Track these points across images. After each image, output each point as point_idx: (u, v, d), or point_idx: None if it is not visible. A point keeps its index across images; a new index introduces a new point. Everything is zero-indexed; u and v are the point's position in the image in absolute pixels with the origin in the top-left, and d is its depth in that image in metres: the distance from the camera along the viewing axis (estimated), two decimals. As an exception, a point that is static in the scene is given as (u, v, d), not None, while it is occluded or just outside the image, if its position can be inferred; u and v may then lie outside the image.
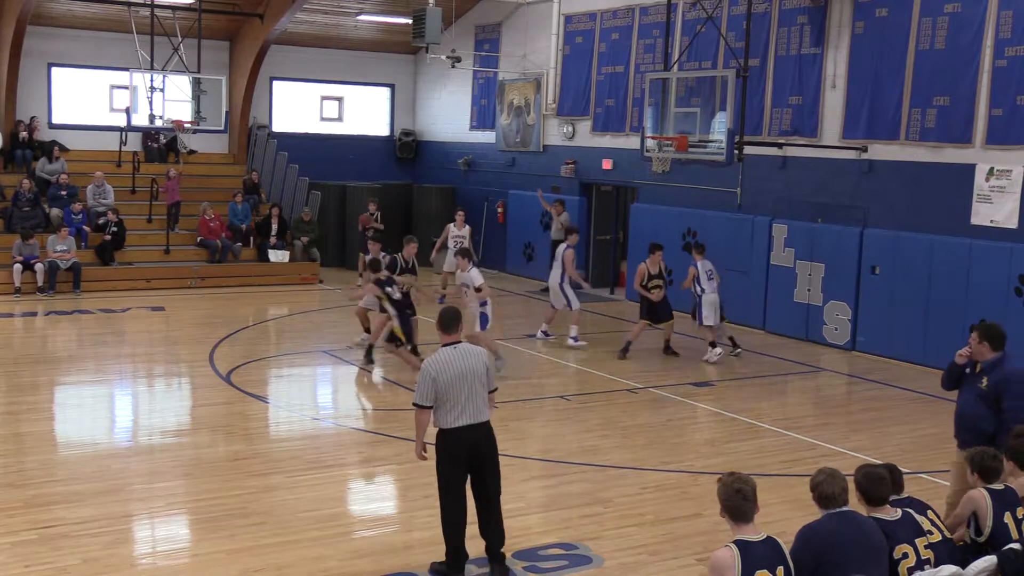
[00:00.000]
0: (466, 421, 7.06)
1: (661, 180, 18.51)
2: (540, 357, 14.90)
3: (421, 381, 7.06)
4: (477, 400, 7.10)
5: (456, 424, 7.05)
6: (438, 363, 7.05)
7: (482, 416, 7.15)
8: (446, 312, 7.31)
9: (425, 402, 7.04)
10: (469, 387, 7.05)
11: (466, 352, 7.15)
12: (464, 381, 7.04)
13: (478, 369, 7.12)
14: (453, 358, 7.07)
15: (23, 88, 21.65)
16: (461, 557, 7.21)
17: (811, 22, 16.37)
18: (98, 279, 19.14)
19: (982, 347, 7.50)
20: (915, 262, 14.84)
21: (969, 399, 7.65)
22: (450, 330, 7.21)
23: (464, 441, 7.09)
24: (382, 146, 26.37)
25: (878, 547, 5.57)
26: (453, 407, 7.02)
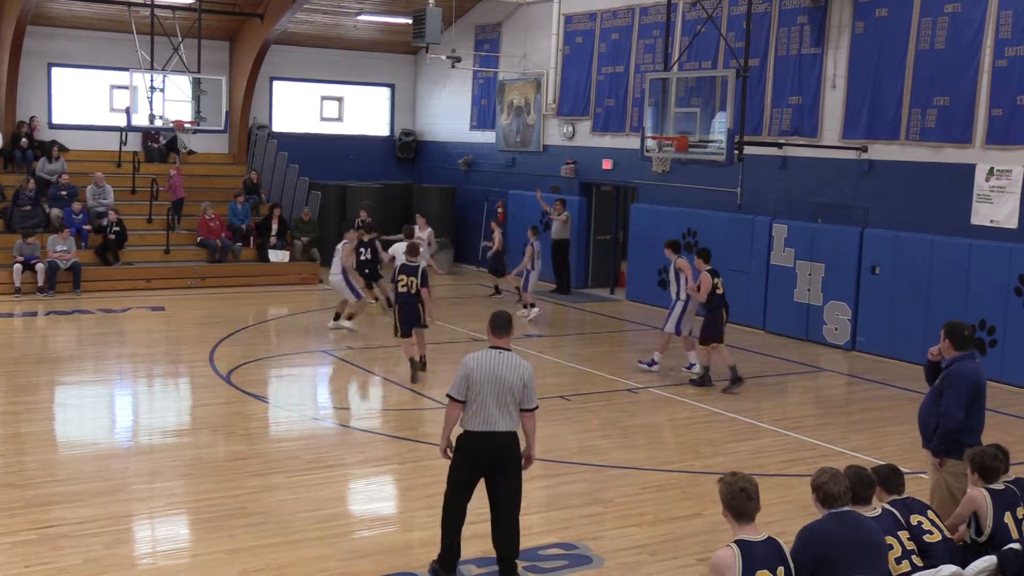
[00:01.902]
0: (482, 427, 6.94)
1: (661, 180, 18.51)
2: (541, 357, 14.89)
3: (458, 375, 7.00)
4: (502, 410, 6.93)
5: (472, 428, 6.98)
6: (476, 359, 7.00)
7: (501, 426, 6.95)
8: (499, 315, 7.25)
9: (459, 395, 6.96)
10: (497, 395, 6.90)
11: (507, 361, 6.99)
12: (493, 387, 6.90)
13: (513, 382, 6.93)
14: (490, 360, 6.97)
15: (23, 88, 21.65)
16: (452, 557, 7.21)
17: (811, 22, 16.37)
18: (98, 279, 19.15)
19: (946, 345, 7.51)
20: (915, 262, 14.84)
21: (926, 396, 7.69)
22: (500, 334, 7.12)
23: (477, 446, 7.00)
24: (382, 146, 26.37)
25: (878, 547, 5.58)
26: (477, 410, 6.93)
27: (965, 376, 7.37)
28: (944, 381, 7.45)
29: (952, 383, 7.38)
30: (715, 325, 13.00)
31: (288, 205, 22.87)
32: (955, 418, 7.31)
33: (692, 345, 13.72)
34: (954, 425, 7.31)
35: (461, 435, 7.10)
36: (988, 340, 13.99)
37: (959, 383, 7.36)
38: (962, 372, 7.38)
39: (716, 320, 13.01)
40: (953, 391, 7.35)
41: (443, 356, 14.84)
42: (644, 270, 19.46)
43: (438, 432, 10.88)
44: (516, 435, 7.06)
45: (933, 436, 7.49)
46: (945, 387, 7.42)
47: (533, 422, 7.13)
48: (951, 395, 7.35)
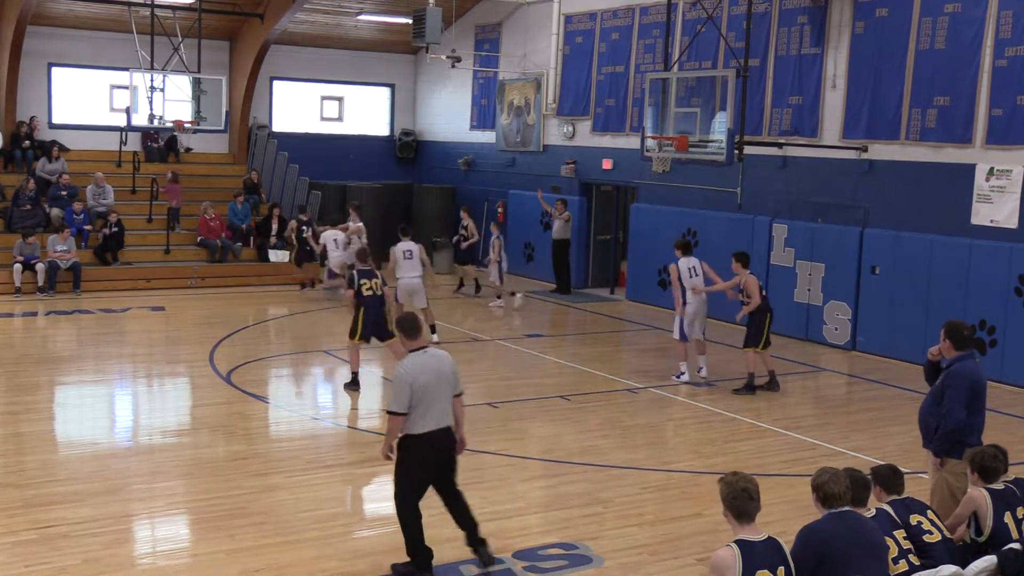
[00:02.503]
0: (435, 426, 7.09)
1: (661, 180, 18.52)
2: (541, 357, 14.90)
3: (397, 389, 7.02)
4: (444, 404, 7.16)
5: (426, 429, 7.07)
6: (413, 368, 7.04)
7: (446, 421, 7.19)
8: (408, 319, 7.34)
9: (403, 409, 7.02)
10: (440, 392, 7.10)
11: (437, 357, 7.21)
12: (437, 386, 7.08)
13: (450, 375, 7.19)
14: (425, 363, 7.09)
15: (23, 88, 21.65)
16: (428, 556, 7.24)
17: (811, 22, 16.37)
18: (98, 279, 19.14)
19: (946, 345, 7.52)
20: (915, 262, 14.84)
21: (926, 396, 7.69)
22: (416, 335, 7.22)
23: (434, 446, 7.14)
24: (382, 146, 26.37)
25: (878, 547, 5.58)
26: (424, 412, 7.03)
27: (966, 376, 7.38)
28: (945, 381, 7.45)
29: (953, 383, 7.38)
30: (760, 329, 12.83)
31: (288, 205, 22.86)
32: (957, 418, 7.31)
33: (694, 351, 13.53)
34: (956, 425, 7.32)
35: (414, 438, 7.11)
36: (988, 340, 13.98)
37: (960, 383, 7.36)
38: (963, 372, 7.38)
39: (761, 324, 12.83)
40: (954, 391, 7.35)
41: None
42: (644, 270, 19.46)
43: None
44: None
45: (934, 436, 7.49)
46: (946, 387, 7.42)
47: (462, 406, 7.42)
48: (952, 395, 7.35)
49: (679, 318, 13.41)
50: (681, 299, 13.37)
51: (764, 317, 12.89)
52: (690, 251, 13.62)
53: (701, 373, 13.61)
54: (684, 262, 13.44)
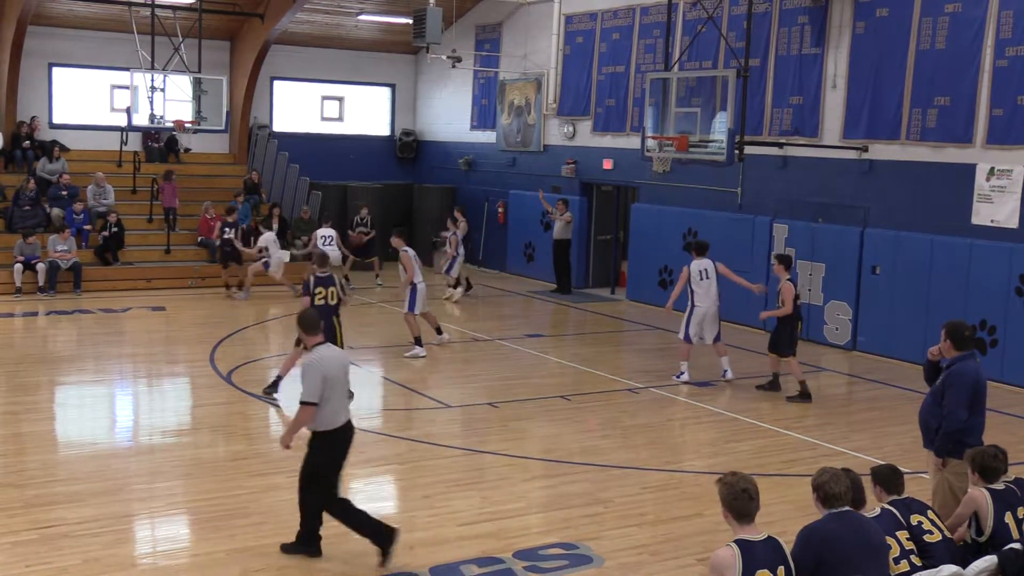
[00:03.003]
0: (346, 418, 7.29)
1: (662, 180, 18.51)
2: (541, 357, 14.89)
3: (310, 378, 7.07)
4: (346, 397, 7.43)
5: (339, 424, 7.23)
6: (324, 360, 7.15)
7: (349, 412, 7.43)
8: (309, 315, 7.43)
9: (317, 399, 7.09)
10: (344, 385, 7.31)
11: (339, 352, 7.43)
12: (342, 379, 7.28)
13: (347, 368, 7.45)
14: (332, 357, 7.26)
15: (24, 88, 21.65)
16: (318, 536, 7.43)
17: (812, 22, 16.37)
18: (98, 279, 19.14)
19: (946, 345, 7.51)
20: (915, 262, 14.84)
21: (927, 396, 7.70)
22: (317, 331, 7.34)
23: (347, 438, 7.35)
24: (383, 146, 26.37)
25: (878, 547, 5.58)
26: (336, 407, 7.19)
27: (966, 376, 7.38)
28: (945, 381, 7.45)
29: (954, 383, 7.38)
30: (789, 335, 12.68)
31: (288, 205, 22.87)
32: (958, 418, 7.31)
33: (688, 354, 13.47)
34: (957, 425, 7.32)
35: (330, 434, 7.22)
36: (988, 340, 13.98)
37: (961, 383, 7.36)
38: (963, 372, 7.38)
39: (791, 330, 12.68)
40: (955, 391, 7.35)
41: (444, 355, 14.85)
42: (645, 270, 19.46)
43: (438, 432, 10.99)
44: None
45: (935, 436, 7.49)
46: (947, 387, 7.42)
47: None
48: (953, 395, 7.35)
49: (686, 319, 13.33)
50: (676, 298, 13.36)
51: (796, 324, 12.73)
52: (705, 252, 13.45)
53: (726, 376, 13.41)
54: (696, 264, 13.33)
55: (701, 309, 13.26)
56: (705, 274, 13.27)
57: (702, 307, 13.25)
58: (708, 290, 13.26)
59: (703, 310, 13.27)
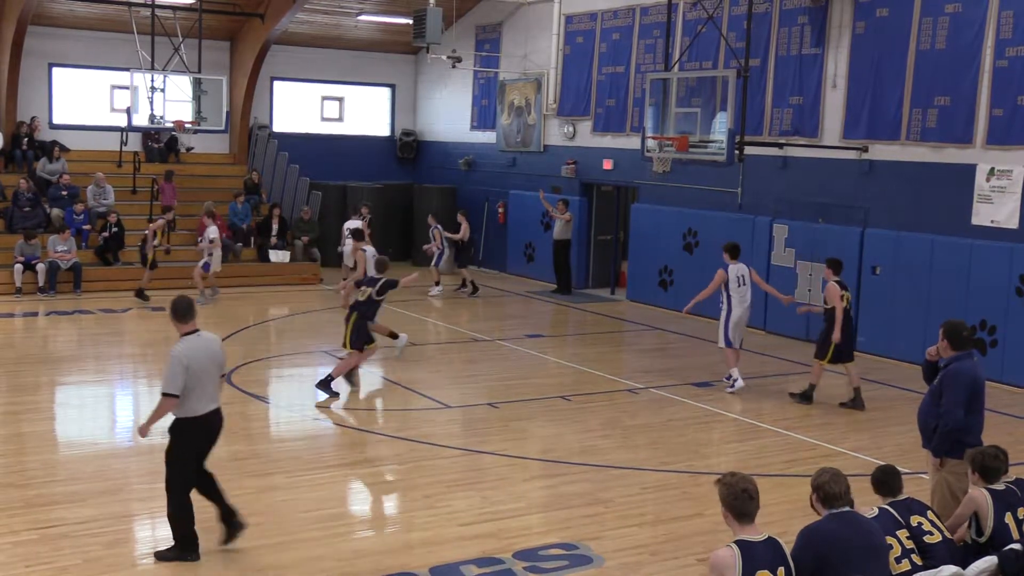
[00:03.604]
0: (210, 406, 7.34)
1: (662, 180, 18.51)
2: (541, 357, 14.89)
3: (172, 369, 7.15)
4: (216, 385, 7.44)
5: (205, 411, 7.30)
6: (188, 350, 7.22)
7: (218, 400, 7.46)
8: (181, 302, 7.46)
9: (177, 391, 7.17)
10: (212, 373, 7.38)
11: (210, 340, 7.44)
12: (210, 368, 7.32)
13: (222, 357, 7.48)
14: (200, 346, 7.30)
15: (24, 88, 21.65)
16: (196, 539, 7.38)
17: (812, 22, 16.37)
18: (98, 279, 19.14)
19: (944, 344, 7.52)
20: (915, 262, 14.84)
21: (925, 396, 7.70)
22: (189, 319, 7.37)
23: (211, 426, 7.40)
24: (383, 146, 26.37)
25: (878, 547, 5.58)
26: (201, 394, 7.24)
27: (964, 376, 7.38)
28: (943, 381, 7.45)
29: (951, 383, 7.38)
30: (827, 342, 12.31)
31: (288, 205, 22.87)
32: (955, 418, 7.31)
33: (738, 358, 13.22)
34: (954, 425, 7.32)
35: (192, 420, 7.28)
36: (988, 340, 13.98)
37: (958, 383, 7.36)
38: (961, 372, 7.39)
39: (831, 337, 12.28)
40: (952, 391, 7.36)
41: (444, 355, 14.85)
42: (645, 270, 19.46)
43: (439, 432, 10.98)
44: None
45: (933, 436, 7.50)
46: (944, 387, 7.42)
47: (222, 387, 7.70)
48: (951, 395, 7.35)
49: (723, 325, 13.03)
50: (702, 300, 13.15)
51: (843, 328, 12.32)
52: (738, 255, 13.12)
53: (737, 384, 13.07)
54: (733, 269, 13.02)
55: (737, 313, 13.03)
56: (743, 280, 13.02)
57: (737, 311, 13.02)
58: (744, 295, 13.03)
59: (738, 314, 13.04)
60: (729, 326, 13.03)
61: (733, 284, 12.99)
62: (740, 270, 13.07)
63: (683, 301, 15.81)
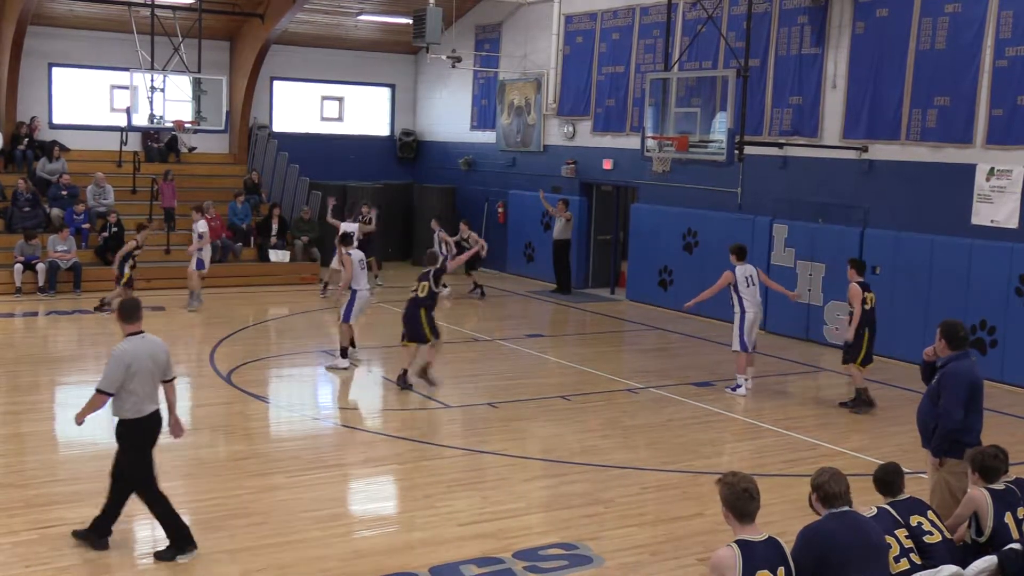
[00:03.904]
0: (152, 408, 7.39)
1: (661, 180, 18.51)
2: (541, 357, 14.89)
3: (112, 368, 7.23)
4: (156, 388, 7.49)
5: (147, 412, 7.36)
6: (130, 350, 7.28)
7: (157, 403, 7.51)
8: (128, 303, 7.53)
9: (112, 389, 7.26)
10: (153, 375, 7.40)
11: (153, 342, 7.47)
12: (150, 369, 7.35)
13: (163, 359, 7.48)
14: (143, 346, 7.35)
15: (24, 88, 21.65)
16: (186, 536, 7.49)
17: (811, 22, 16.37)
18: (98, 279, 19.10)
19: (941, 344, 7.52)
20: (915, 262, 14.84)
21: (923, 397, 7.70)
22: (133, 320, 7.42)
23: (153, 427, 7.45)
24: (383, 146, 26.37)
25: (879, 547, 5.58)
26: (143, 395, 7.31)
27: (962, 375, 7.38)
28: (941, 381, 7.46)
29: (949, 383, 7.39)
30: (859, 342, 12.17)
31: (288, 205, 22.87)
32: (954, 418, 7.31)
33: (749, 362, 13.06)
34: (953, 425, 7.32)
35: (136, 422, 7.35)
36: (988, 340, 13.98)
37: (956, 383, 7.37)
38: (958, 371, 7.39)
39: (860, 338, 12.15)
40: (950, 391, 7.36)
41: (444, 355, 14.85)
42: (645, 270, 19.45)
43: (438, 432, 10.98)
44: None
45: (932, 436, 7.50)
46: (942, 387, 7.42)
47: (174, 390, 7.73)
48: (949, 395, 7.35)
49: (739, 328, 12.89)
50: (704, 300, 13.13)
51: (862, 331, 12.18)
52: (745, 257, 13.05)
53: (739, 391, 12.94)
54: (741, 270, 12.93)
55: (751, 315, 12.92)
56: (751, 280, 12.96)
57: (751, 313, 12.92)
58: (755, 296, 12.97)
59: (752, 316, 12.95)
60: (744, 329, 12.90)
61: (742, 285, 12.89)
62: (748, 271, 12.99)
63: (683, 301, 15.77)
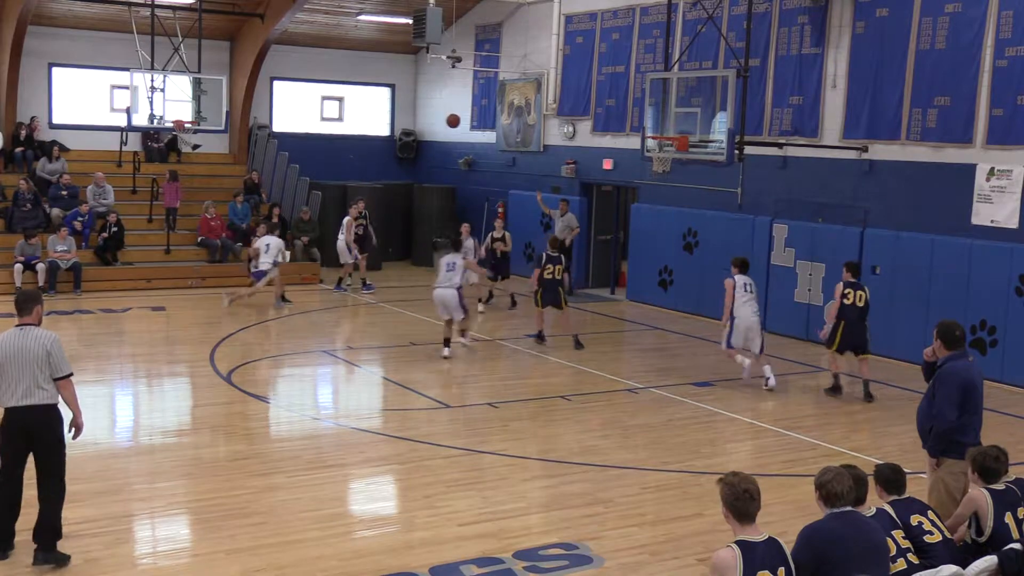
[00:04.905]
0: (18, 402, 7.27)
1: (661, 180, 18.51)
2: (541, 357, 14.89)
3: None
4: (30, 382, 7.26)
5: (11, 404, 7.30)
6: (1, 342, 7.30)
7: (33, 399, 7.27)
8: (21, 295, 7.60)
9: None
10: (22, 368, 7.23)
11: (29, 334, 7.34)
12: (19, 361, 7.24)
13: (38, 353, 7.29)
14: (13, 338, 7.32)
15: (24, 88, 21.65)
16: (8, 538, 7.39)
17: (811, 22, 16.37)
18: (99, 279, 19.13)
19: (938, 344, 7.53)
20: (915, 262, 14.83)
21: (923, 397, 7.71)
22: (22, 313, 7.45)
23: (17, 422, 7.31)
24: (382, 146, 26.37)
25: (879, 547, 5.58)
26: (8, 387, 7.25)
27: (955, 376, 7.39)
28: (936, 382, 7.48)
29: (944, 383, 7.40)
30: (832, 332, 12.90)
31: (288, 205, 22.86)
32: (947, 418, 7.32)
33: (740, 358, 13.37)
34: (947, 425, 7.33)
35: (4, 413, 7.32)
36: (988, 340, 13.98)
37: (950, 383, 7.38)
38: (952, 372, 7.40)
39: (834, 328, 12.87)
40: (944, 391, 7.38)
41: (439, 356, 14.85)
42: (645, 270, 19.45)
43: (438, 432, 10.98)
44: (52, 407, 7.35)
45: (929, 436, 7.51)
46: (937, 388, 7.45)
47: (69, 389, 7.48)
48: (942, 395, 7.38)
49: (728, 331, 13.21)
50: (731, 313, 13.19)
51: (838, 324, 12.78)
52: (747, 270, 13.39)
53: (769, 384, 13.10)
54: (740, 278, 13.23)
55: (741, 317, 13.09)
56: (749, 287, 13.21)
57: (742, 313, 13.09)
58: (749, 301, 13.15)
59: (743, 318, 13.09)
60: (734, 333, 13.11)
61: (740, 290, 13.11)
62: (746, 280, 13.26)
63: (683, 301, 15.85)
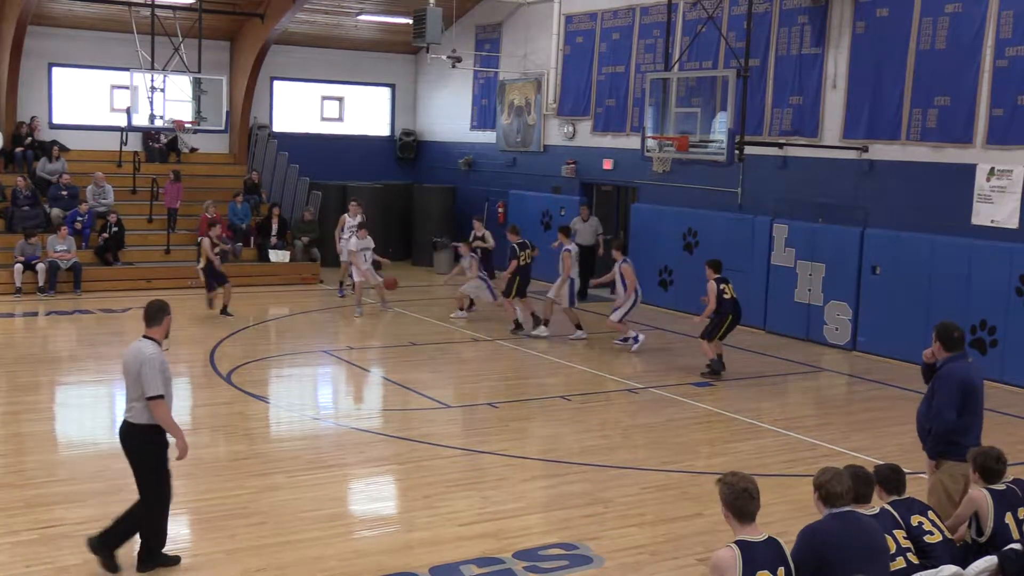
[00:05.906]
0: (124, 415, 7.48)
1: (662, 180, 18.51)
2: (541, 357, 14.89)
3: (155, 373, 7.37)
4: (130, 397, 7.46)
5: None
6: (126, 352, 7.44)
7: (127, 414, 7.49)
8: (150, 304, 7.72)
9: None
10: (127, 382, 7.44)
11: (139, 349, 7.55)
12: (127, 375, 7.45)
13: (135, 369, 7.40)
14: (130, 350, 7.51)
15: (24, 88, 21.65)
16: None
17: (812, 22, 16.37)
18: (98, 279, 19.13)
19: (937, 346, 7.53)
20: (916, 262, 14.83)
21: (923, 399, 7.71)
22: (150, 323, 7.63)
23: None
24: (383, 146, 26.37)
25: (879, 547, 5.58)
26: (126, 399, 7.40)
27: (953, 377, 7.39)
28: (935, 383, 7.47)
29: (942, 385, 7.40)
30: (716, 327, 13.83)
31: (288, 205, 22.87)
32: (946, 419, 7.32)
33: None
34: (946, 426, 7.33)
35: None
36: (988, 340, 13.98)
37: (948, 384, 7.38)
38: (951, 373, 7.40)
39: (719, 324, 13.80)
40: (943, 393, 7.38)
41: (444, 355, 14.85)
42: (645, 270, 19.40)
43: (438, 432, 10.99)
44: (134, 426, 7.45)
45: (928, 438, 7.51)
46: (936, 389, 7.44)
47: (158, 411, 7.42)
48: (941, 397, 7.38)
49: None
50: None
51: (723, 320, 13.73)
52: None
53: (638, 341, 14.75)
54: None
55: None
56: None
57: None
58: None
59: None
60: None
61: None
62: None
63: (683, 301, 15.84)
